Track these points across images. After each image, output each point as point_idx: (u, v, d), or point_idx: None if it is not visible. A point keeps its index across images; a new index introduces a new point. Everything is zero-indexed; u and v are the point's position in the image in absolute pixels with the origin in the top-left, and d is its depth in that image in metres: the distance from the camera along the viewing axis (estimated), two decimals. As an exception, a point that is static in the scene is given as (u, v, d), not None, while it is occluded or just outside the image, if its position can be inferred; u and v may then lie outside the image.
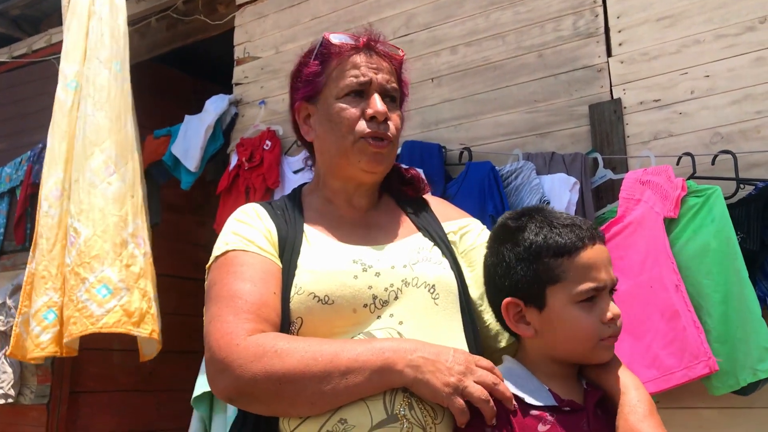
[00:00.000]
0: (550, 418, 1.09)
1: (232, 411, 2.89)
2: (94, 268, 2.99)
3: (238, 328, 1.13)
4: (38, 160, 4.15)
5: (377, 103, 1.30)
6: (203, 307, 1.31)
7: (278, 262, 1.25)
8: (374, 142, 1.30)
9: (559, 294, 1.15)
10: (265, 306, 1.17)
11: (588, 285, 1.14)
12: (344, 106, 1.32)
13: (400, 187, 1.46)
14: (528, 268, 1.18)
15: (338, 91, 1.33)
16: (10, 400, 3.82)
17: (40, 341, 3.04)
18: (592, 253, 1.16)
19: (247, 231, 1.28)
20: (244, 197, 3.26)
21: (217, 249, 1.28)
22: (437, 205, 1.49)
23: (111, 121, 3.21)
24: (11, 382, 3.82)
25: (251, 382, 1.08)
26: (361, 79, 1.32)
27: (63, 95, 3.34)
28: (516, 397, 1.11)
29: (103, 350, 4.21)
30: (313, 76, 1.38)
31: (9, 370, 3.84)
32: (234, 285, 1.19)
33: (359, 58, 1.34)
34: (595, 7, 2.70)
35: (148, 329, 3.03)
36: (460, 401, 1.06)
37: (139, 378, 4.40)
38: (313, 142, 1.42)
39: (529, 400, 1.11)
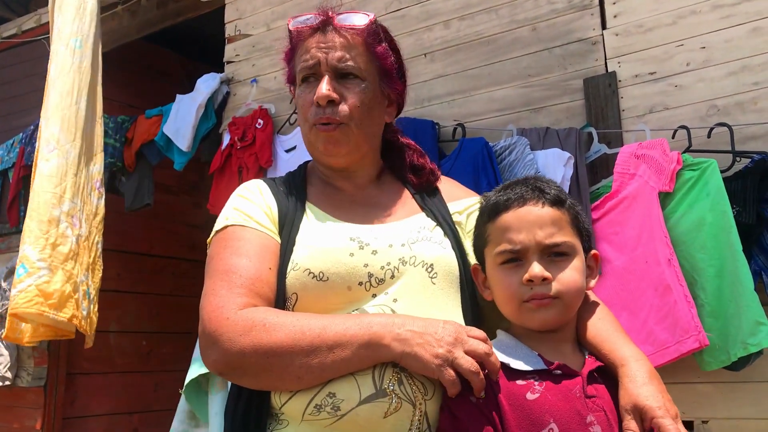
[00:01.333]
0: (538, 387, 1.08)
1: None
2: (20, 249, 2.90)
3: (229, 302, 1.13)
4: (30, 141, 4.12)
5: (322, 86, 1.27)
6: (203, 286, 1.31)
7: (277, 238, 1.25)
8: (323, 127, 1.29)
9: (488, 256, 1.20)
10: (259, 281, 1.17)
11: (502, 247, 1.16)
12: (301, 93, 1.33)
13: (407, 173, 1.43)
14: (474, 234, 1.27)
15: (298, 77, 1.34)
16: (7, 383, 3.83)
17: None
18: (513, 215, 1.16)
19: (247, 206, 1.28)
20: (237, 177, 3.23)
21: (218, 224, 1.29)
22: (444, 184, 1.46)
23: (61, 97, 3.12)
24: (8, 365, 3.82)
25: (239, 355, 1.09)
26: (309, 62, 1.30)
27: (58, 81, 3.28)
28: (502, 364, 1.10)
29: (100, 332, 4.20)
30: (287, 62, 1.41)
31: (5, 352, 3.84)
32: (230, 260, 1.20)
33: (312, 41, 1.32)
34: (589, -22, 2.65)
35: (68, 314, 2.87)
36: (450, 372, 1.04)
37: (137, 359, 4.41)
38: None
39: (514, 365, 1.11)
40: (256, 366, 1.09)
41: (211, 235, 1.29)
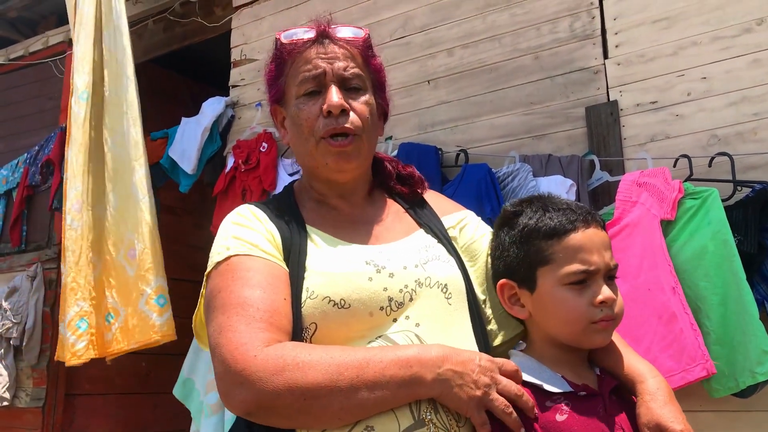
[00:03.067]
0: (566, 408, 1.10)
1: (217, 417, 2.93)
2: (149, 280, 3.16)
3: (252, 338, 1.06)
4: (34, 162, 4.15)
5: (332, 95, 1.23)
6: (197, 311, 1.28)
7: (284, 266, 1.18)
8: (335, 141, 1.24)
9: (549, 276, 1.17)
10: (277, 313, 1.11)
11: (576, 267, 1.15)
12: (302, 106, 1.27)
13: (395, 185, 1.41)
14: (520, 250, 1.21)
15: (296, 90, 1.28)
16: (5, 403, 3.81)
17: (77, 349, 3.12)
18: (583, 236, 1.16)
19: (248, 234, 1.21)
20: (241, 199, 3.25)
21: (218, 254, 1.20)
22: (432, 198, 1.44)
23: (142, 136, 3.31)
24: (6, 385, 3.81)
25: (273, 396, 1.02)
26: (314, 72, 1.25)
27: (76, 108, 3.34)
28: (533, 385, 1.12)
29: (99, 353, 4.19)
30: (273, 79, 1.35)
31: (4, 372, 3.83)
32: (242, 292, 1.12)
33: (312, 51, 1.27)
34: (591, 9, 2.70)
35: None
36: (483, 416, 1.05)
37: (136, 380, 4.39)
38: (289, 144, 1.37)
39: (547, 387, 1.12)
40: (291, 407, 1.03)
41: (210, 267, 1.20)
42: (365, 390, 1.02)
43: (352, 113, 1.25)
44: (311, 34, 1.29)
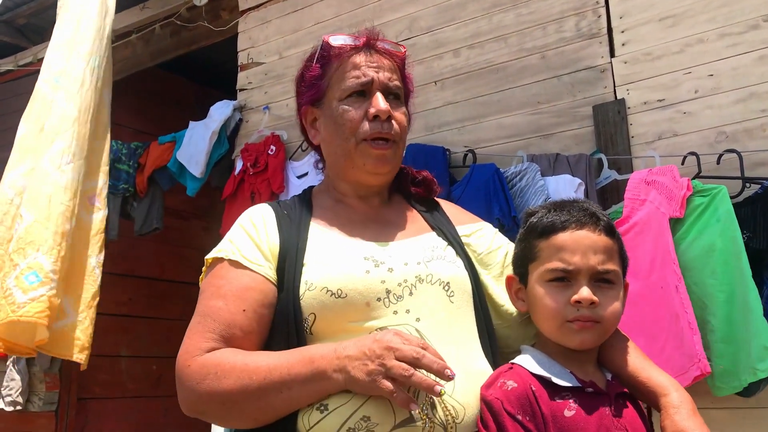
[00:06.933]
0: (573, 404, 1.12)
1: None
2: (27, 254, 2.80)
3: (194, 348, 1.18)
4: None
5: (380, 101, 1.30)
6: None
7: (266, 271, 1.24)
8: (376, 144, 1.30)
9: (535, 272, 1.23)
10: (231, 325, 1.19)
11: (554, 264, 1.19)
12: (347, 107, 1.32)
13: (411, 189, 1.46)
14: (519, 246, 1.29)
15: (341, 93, 1.34)
16: (18, 408, 3.84)
17: None
18: (571, 236, 1.20)
19: (242, 240, 1.28)
20: (250, 202, 3.26)
21: (213, 251, 1.30)
22: (449, 208, 1.49)
23: (79, 112, 3.12)
24: (19, 390, 3.83)
25: (198, 402, 1.16)
26: (363, 79, 1.32)
27: (45, 87, 3.23)
28: (543, 378, 1.15)
29: (111, 357, 4.23)
30: (315, 79, 1.39)
31: (17, 377, 3.86)
32: (209, 301, 1.23)
33: (359, 58, 1.34)
34: (597, 7, 2.70)
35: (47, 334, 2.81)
36: (385, 383, 1.04)
37: (147, 384, 4.42)
38: (320, 145, 1.42)
39: (556, 380, 1.14)
40: (216, 411, 1.15)
41: (206, 263, 1.31)
42: (274, 392, 1.10)
43: (393, 121, 1.32)
44: (359, 42, 1.36)
